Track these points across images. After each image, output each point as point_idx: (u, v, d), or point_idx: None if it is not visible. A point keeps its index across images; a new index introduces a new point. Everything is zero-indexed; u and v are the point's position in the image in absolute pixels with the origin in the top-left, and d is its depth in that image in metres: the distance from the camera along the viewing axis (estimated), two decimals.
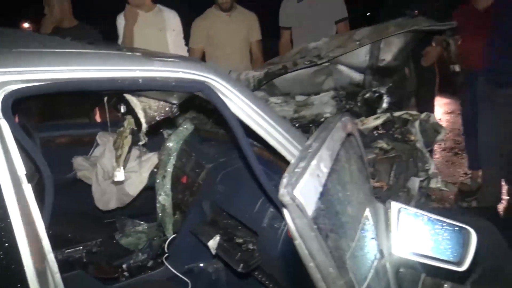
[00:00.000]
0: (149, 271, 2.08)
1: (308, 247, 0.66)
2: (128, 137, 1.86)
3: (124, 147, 1.86)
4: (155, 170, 2.28)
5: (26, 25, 14.94)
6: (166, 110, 1.44)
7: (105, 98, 1.64)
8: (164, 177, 2.25)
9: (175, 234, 2.16)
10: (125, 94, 1.44)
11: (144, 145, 2.21)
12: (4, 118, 0.93)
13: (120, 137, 1.89)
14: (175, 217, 2.25)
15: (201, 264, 2.00)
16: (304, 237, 0.65)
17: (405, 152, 1.91)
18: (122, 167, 1.89)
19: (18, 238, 0.90)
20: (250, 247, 1.73)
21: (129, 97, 1.40)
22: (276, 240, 1.55)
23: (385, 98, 2.51)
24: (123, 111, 1.74)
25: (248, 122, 1.29)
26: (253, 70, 2.61)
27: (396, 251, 1.27)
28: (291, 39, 4.00)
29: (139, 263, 2.16)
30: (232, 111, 1.26)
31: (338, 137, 0.81)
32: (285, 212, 0.65)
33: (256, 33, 3.73)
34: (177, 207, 2.24)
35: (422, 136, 1.97)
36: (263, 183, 1.29)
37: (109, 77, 1.16)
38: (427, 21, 2.50)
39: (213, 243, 1.76)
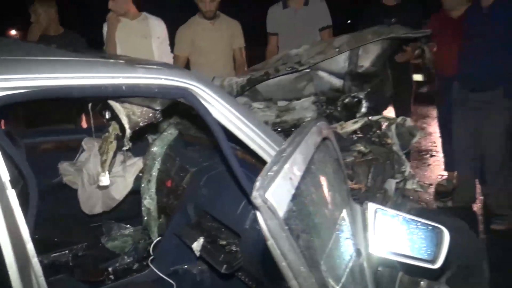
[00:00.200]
0: (135, 274, 2.07)
1: (280, 247, 0.67)
2: (113, 143, 1.85)
3: (109, 152, 1.86)
4: (140, 175, 2.27)
5: (13, 33, 14.77)
6: (150, 116, 1.44)
7: (89, 105, 1.63)
8: (149, 181, 2.24)
9: (160, 237, 2.16)
10: (109, 101, 1.43)
11: (129, 150, 2.21)
12: None
13: (105, 143, 1.88)
14: (160, 221, 2.25)
15: (186, 266, 2.00)
16: (276, 238, 0.66)
17: (382, 155, 1.93)
18: (107, 172, 1.88)
19: (2, 243, 0.90)
20: (233, 249, 1.74)
21: (113, 104, 1.40)
22: (258, 241, 1.56)
23: (364, 103, 2.54)
24: (108, 117, 1.74)
25: (230, 127, 1.30)
26: (236, 76, 2.63)
27: (373, 250, 1.29)
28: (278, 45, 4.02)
29: (125, 266, 2.14)
30: (214, 117, 1.26)
31: (313, 141, 0.82)
32: (258, 214, 0.66)
33: (239, 40, 3.74)
34: (162, 211, 2.24)
35: (398, 139, 2.00)
36: (244, 186, 1.29)
37: (93, 84, 1.16)
38: (403, 29, 2.55)
39: (197, 245, 1.77)
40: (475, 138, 3.37)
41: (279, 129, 2.53)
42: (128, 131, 1.43)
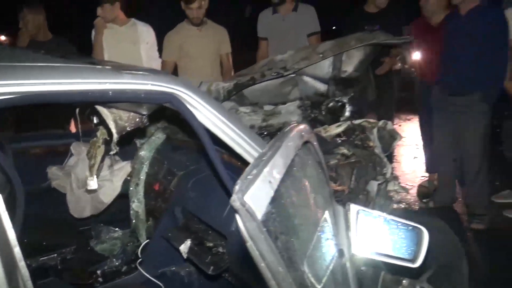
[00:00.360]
0: (123, 276, 2.05)
1: (259, 249, 0.68)
2: (101, 147, 1.84)
3: (97, 157, 1.85)
4: (129, 178, 2.26)
5: (3, 38, 14.61)
6: (137, 121, 1.44)
7: (77, 110, 1.62)
8: (137, 185, 2.23)
9: (148, 240, 2.15)
10: (97, 106, 1.43)
11: (117, 154, 2.20)
12: None
13: (93, 147, 1.87)
14: (148, 223, 2.23)
15: (174, 268, 1.99)
16: (254, 239, 0.67)
17: (365, 158, 1.95)
18: (96, 176, 1.87)
19: None
20: (220, 250, 1.74)
21: (100, 109, 1.39)
22: (244, 243, 1.56)
23: (348, 107, 2.56)
24: (96, 122, 1.73)
25: (215, 131, 1.30)
26: (223, 81, 2.63)
27: (356, 251, 1.29)
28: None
29: (113, 269, 2.12)
30: (199, 121, 1.27)
31: (293, 145, 0.83)
32: (237, 216, 0.66)
33: (226, 46, 3.75)
34: (150, 214, 2.23)
35: (380, 142, 2.02)
36: (230, 189, 1.30)
37: (80, 90, 1.15)
38: (385, 35, 2.58)
39: (185, 247, 1.76)
40: (455, 141, 3.41)
41: (266, 133, 2.54)
42: (115, 136, 1.42)
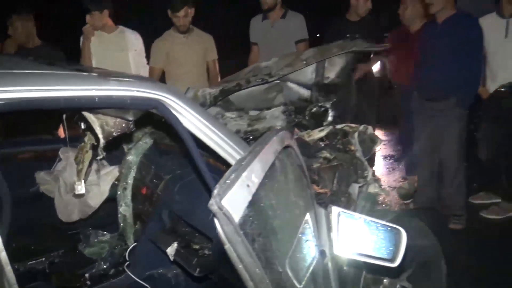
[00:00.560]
0: (111, 279, 2.03)
1: (236, 251, 0.68)
2: (89, 152, 1.83)
3: (85, 162, 1.84)
4: (116, 183, 2.24)
5: None
6: (123, 126, 1.43)
7: (64, 116, 1.61)
8: (125, 189, 2.21)
9: (136, 243, 2.13)
10: (83, 112, 1.42)
11: (105, 159, 2.18)
12: None
13: (81, 152, 1.86)
14: (136, 227, 2.22)
15: (161, 270, 1.98)
16: (232, 242, 0.67)
17: (346, 161, 1.96)
18: (83, 181, 1.85)
19: None
20: (206, 252, 1.73)
21: (87, 115, 1.38)
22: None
23: (330, 112, 2.58)
24: (83, 128, 1.71)
25: (200, 136, 1.30)
26: (210, 87, 2.63)
27: (337, 251, 1.30)
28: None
29: (101, 272, 2.09)
30: (184, 126, 1.27)
31: (273, 150, 0.84)
32: (215, 220, 0.66)
33: (212, 53, 3.75)
34: (138, 217, 2.21)
35: (361, 146, 2.03)
36: None
37: (66, 96, 1.14)
38: (365, 43, 2.60)
39: (171, 250, 1.75)
40: (433, 144, 3.44)
41: (251, 137, 2.54)
42: (102, 141, 1.41)
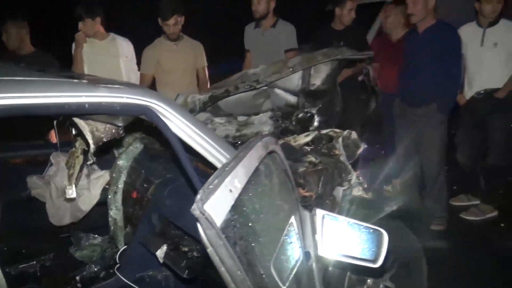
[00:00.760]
0: (102, 282, 2.01)
1: (218, 254, 0.68)
2: (80, 157, 1.81)
3: (76, 166, 1.82)
4: (107, 187, 2.22)
5: None
6: (113, 132, 1.42)
7: (55, 122, 1.59)
8: (116, 193, 2.19)
9: (126, 246, 2.11)
10: (74, 118, 1.41)
11: (96, 164, 2.17)
12: None
13: (72, 157, 1.84)
14: (126, 230, 2.20)
15: (151, 273, 1.97)
16: (214, 246, 0.67)
17: (331, 165, 1.97)
18: (74, 185, 1.84)
19: None
20: (195, 255, 1.73)
21: (77, 120, 1.37)
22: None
23: (316, 118, 2.59)
24: (74, 133, 1.70)
25: (188, 141, 1.30)
26: (199, 94, 2.63)
27: (322, 252, 1.31)
28: None
29: (92, 274, 2.08)
30: (173, 131, 1.26)
31: (257, 156, 0.84)
32: (197, 224, 0.66)
33: (202, 60, 3.75)
34: (128, 221, 2.19)
35: (345, 151, 2.04)
36: None
37: (57, 103, 1.13)
38: (349, 51, 2.62)
39: (161, 253, 1.74)
40: (415, 149, 3.48)
41: (239, 142, 2.54)
42: (92, 146, 1.40)
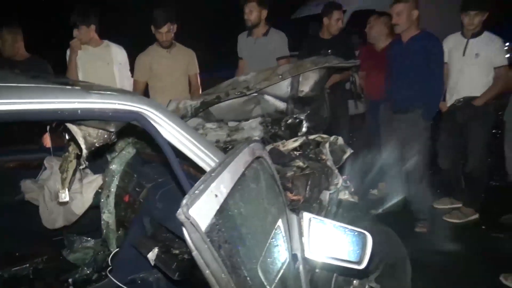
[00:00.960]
0: (94, 284, 1.99)
1: (203, 257, 0.68)
2: (73, 161, 1.80)
3: (69, 171, 1.80)
4: (100, 191, 2.21)
5: None
6: (105, 137, 1.41)
7: (48, 127, 1.58)
8: (108, 197, 2.18)
9: (118, 248, 2.10)
10: (67, 123, 1.40)
11: (88, 168, 2.15)
12: None
13: (65, 162, 1.83)
14: (119, 233, 2.18)
15: (142, 275, 1.95)
16: (199, 249, 0.67)
17: (318, 170, 1.97)
18: (67, 189, 1.82)
19: None
20: (186, 257, 1.72)
21: (70, 126, 1.36)
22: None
23: (305, 123, 2.60)
24: (68, 138, 1.69)
25: (178, 146, 1.29)
26: (191, 100, 2.63)
27: (309, 255, 1.31)
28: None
29: (84, 277, 2.05)
30: (164, 137, 1.26)
31: (243, 161, 0.84)
32: (183, 228, 0.66)
33: (194, 67, 3.74)
34: (120, 224, 2.18)
35: (332, 155, 2.05)
36: None
37: (50, 108, 1.13)
38: (337, 59, 2.64)
39: (152, 255, 1.73)
40: (400, 153, 3.51)
41: (230, 147, 2.54)
42: (85, 151, 1.39)
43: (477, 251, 3.16)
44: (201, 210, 0.64)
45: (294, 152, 2.15)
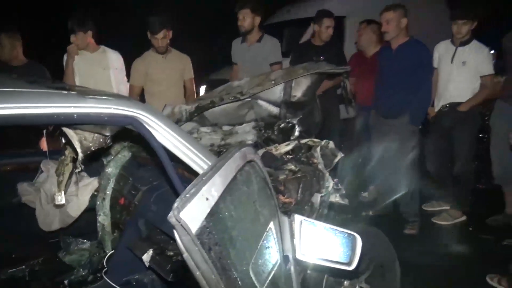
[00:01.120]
0: (90, 285, 1.98)
1: (193, 259, 0.68)
2: (69, 165, 1.80)
3: (65, 174, 1.80)
4: (96, 193, 2.19)
5: None
6: (101, 141, 1.41)
7: (44, 131, 1.58)
8: (104, 199, 2.17)
9: (114, 250, 2.08)
10: (63, 128, 1.39)
11: (85, 171, 2.14)
12: None
13: (62, 165, 1.82)
14: (114, 235, 2.17)
15: (137, 276, 1.94)
16: (190, 251, 0.67)
17: (310, 173, 1.98)
18: (63, 192, 1.81)
19: None
20: (180, 259, 1.71)
21: (66, 130, 1.36)
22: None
23: (297, 128, 2.61)
24: (64, 142, 1.69)
25: (173, 150, 1.30)
26: (186, 104, 2.63)
27: (300, 256, 1.32)
28: None
29: (80, 278, 2.04)
30: (158, 141, 1.26)
31: (234, 165, 0.85)
32: (174, 231, 0.67)
33: (189, 72, 3.75)
34: (116, 226, 2.16)
35: (323, 159, 2.06)
36: None
37: (47, 113, 1.13)
38: (328, 65, 2.65)
39: (147, 257, 1.72)
40: (389, 157, 3.53)
41: (224, 151, 2.54)
42: (81, 155, 1.39)
43: (465, 252, 3.19)
44: (192, 213, 0.65)
45: (287, 156, 2.16)
